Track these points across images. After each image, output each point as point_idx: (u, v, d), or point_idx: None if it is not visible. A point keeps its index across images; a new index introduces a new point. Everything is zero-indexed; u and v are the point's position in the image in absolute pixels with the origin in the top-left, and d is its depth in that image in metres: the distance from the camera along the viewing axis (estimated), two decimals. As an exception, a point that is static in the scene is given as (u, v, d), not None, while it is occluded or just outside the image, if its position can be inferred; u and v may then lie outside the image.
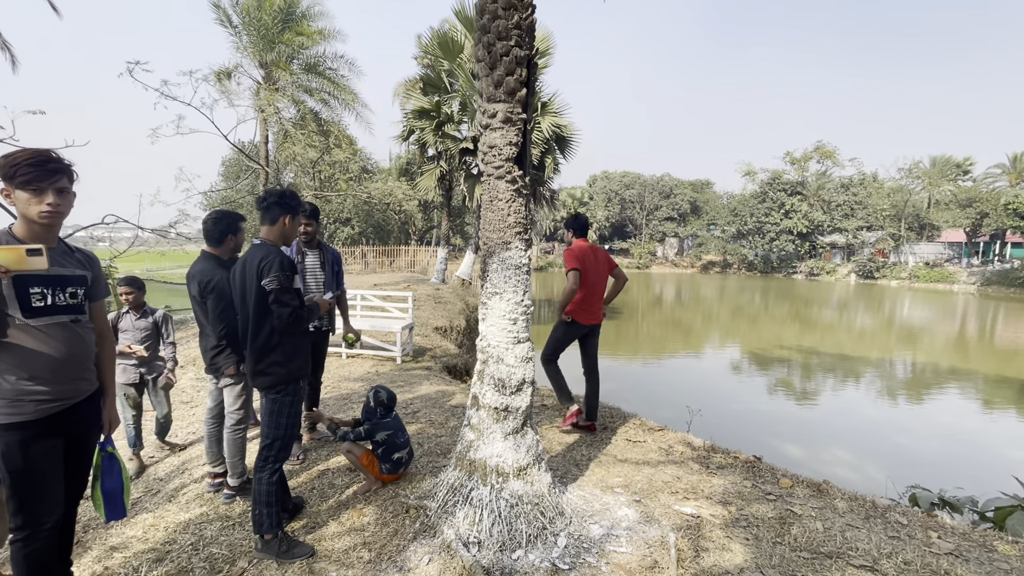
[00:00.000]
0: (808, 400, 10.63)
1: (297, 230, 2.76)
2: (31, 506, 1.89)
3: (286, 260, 2.57)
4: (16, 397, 1.80)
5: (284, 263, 2.54)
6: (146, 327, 3.91)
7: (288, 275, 2.54)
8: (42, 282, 1.82)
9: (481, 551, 2.56)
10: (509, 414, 2.77)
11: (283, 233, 2.69)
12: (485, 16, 2.54)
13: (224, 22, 13.13)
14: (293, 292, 2.58)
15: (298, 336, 2.72)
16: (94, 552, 2.77)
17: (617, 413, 5.15)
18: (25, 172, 1.79)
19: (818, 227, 46.26)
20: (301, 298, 2.67)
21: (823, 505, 3.29)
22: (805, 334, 19.12)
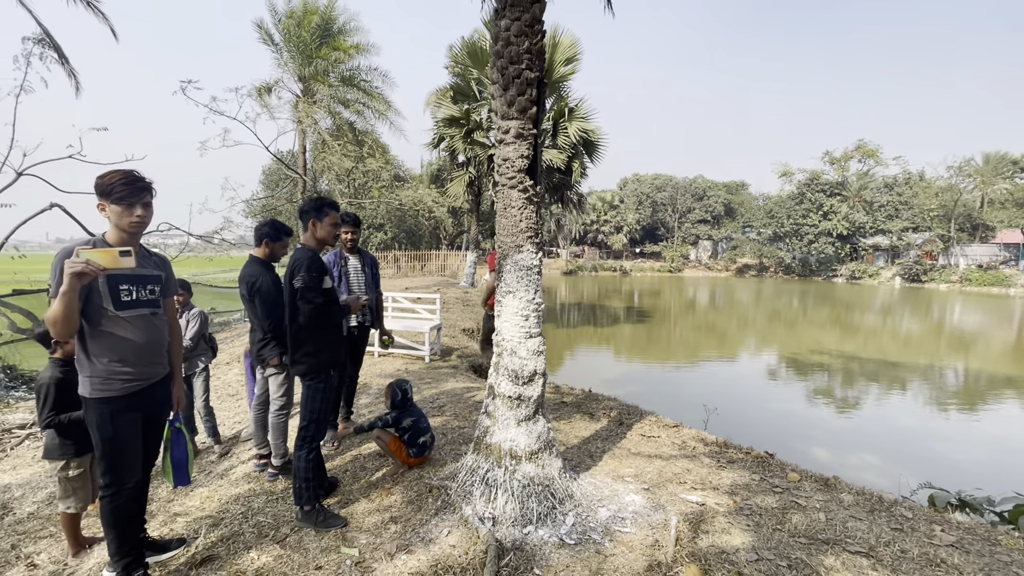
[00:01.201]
0: (846, 406, 10.40)
1: (329, 232, 3.01)
2: (117, 468, 2.27)
3: (315, 262, 2.91)
4: (107, 376, 2.18)
5: (312, 265, 2.87)
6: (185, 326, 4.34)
7: (314, 276, 2.87)
8: (129, 280, 2.20)
9: (496, 526, 2.81)
10: (522, 402, 3.03)
11: (314, 236, 3.03)
12: (499, 42, 2.83)
13: (266, 40, 13.95)
14: (319, 291, 2.89)
15: (327, 331, 3.02)
16: (160, 518, 3.17)
17: (635, 411, 5.32)
18: (119, 190, 2.18)
19: (860, 229, 44.55)
20: (329, 296, 2.97)
21: (829, 498, 3.39)
22: (846, 339, 18.54)
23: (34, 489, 3.75)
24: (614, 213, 56.92)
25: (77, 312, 2.05)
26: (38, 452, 4.53)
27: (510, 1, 2.75)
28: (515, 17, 2.75)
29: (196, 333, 4.26)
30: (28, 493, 3.69)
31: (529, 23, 2.76)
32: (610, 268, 52.98)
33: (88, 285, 2.08)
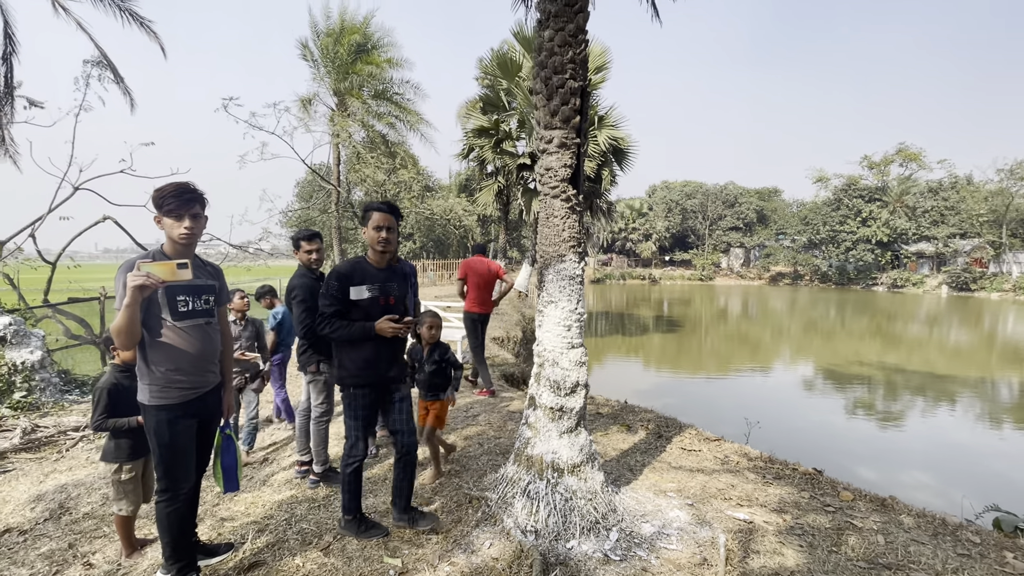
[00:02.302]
0: (890, 420, 9.93)
1: (372, 236, 2.76)
2: (173, 473, 2.33)
3: (336, 271, 2.76)
4: (165, 384, 2.25)
5: (332, 274, 2.75)
6: (241, 333, 4.46)
7: (332, 284, 2.71)
8: (185, 291, 2.27)
9: (539, 539, 2.77)
10: (564, 414, 2.99)
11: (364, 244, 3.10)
12: (543, 53, 2.83)
13: (307, 57, 14.45)
14: (333, 301, 2.71)
15: (355, 346, 2.76)
16: (208, 522, 3.24)
17: (673, 423, 5.20)
18: (169, 203, 2.25)
19: (901, 235, 42.77)
20: (365, 308, 2.77)
21: (887, 520, 3.23)
22: (888, 350, 17.76)
23: (89, 490, 3.89)
24: (643, 221, 56.29)
25: (139, 323, 2.12)
26: (92, 454, 4.71)
27: (554, 12, 2.76)
28: (559, 28, 2.75)
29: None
30: (84, 493, 3.83)
31: (573, 33, 2.76)
32: (639, 276, 52.32)
33: (149, 297, 2.16)
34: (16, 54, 7.41)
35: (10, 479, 4.20)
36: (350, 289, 2.71)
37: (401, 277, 2.91)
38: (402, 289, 2.89)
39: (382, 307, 2.76)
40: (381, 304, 2.77)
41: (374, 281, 2.75)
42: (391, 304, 2.81)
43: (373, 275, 2.78)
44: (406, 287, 2.95)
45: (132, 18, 7.73)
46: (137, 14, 7.72)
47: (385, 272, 2.82)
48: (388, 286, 2.80)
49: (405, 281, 2.95)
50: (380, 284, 2.77)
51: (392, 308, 2.81)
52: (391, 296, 2.81)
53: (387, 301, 2.79)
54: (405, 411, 2.93)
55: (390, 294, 2.80)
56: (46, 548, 3.03)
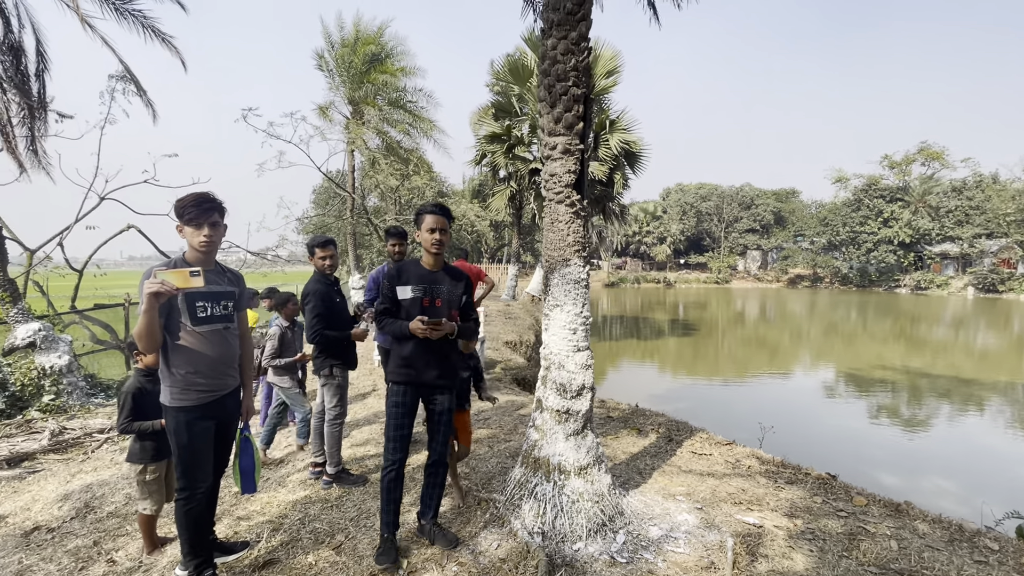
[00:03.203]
0: (912, 426, 9.71)
1: (425, 239, 2.81)
2: (191, 474, 2.42)
3: (385, 274, 2.92)
4: (184, 386, 2.34)
5: (384, 276, 2.90)
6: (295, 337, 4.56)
7: (383, 283, 2.87)
8: (205, 297, 2.37)
9: (545, 541, 2.80)
10: (570, 416, 3.01)
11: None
12: (546, 61, 2.89)
13: (322, 67, 14.76)
14: (385, 300, 2.86)
15: (400, 344, 2.79)
16: (225, 521, 3.34)
17: (684, 427, 5.18)
18: (189, 212, 2.35)
19: (924, 236, 41.79)
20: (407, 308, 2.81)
21: (901, 525, 3.18)
22: (912, 354, 17.35)
23: (113, 490, 4.03)
24: (657, 224, 55.96)
25: (158, 328, 2.22)
26: (116, 455, 4.87)
27: (557, 21, 2.81)
28: (561, 36, 2.80)
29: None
30: (108, 493, 3.97)
31: (575, 41, 2.81)
32: (653, 280, 51.95)
33: (168, 303, 2.25)
34: (48, 71, 7.72)
35: (39, 479, 4.37)
36: (397, 289, 2.77)
37: (453, 280, 2.84)
38: (452, 292, 2.81)
39: (424, 308, 2.74)
40: (425, 305, 2.74)
41: (420, 282, 2.76)
42: (436, 306, 2.76)
43: (420, 276, 2.78)
44: (459, 291, 2.84)
45: (154, 34, 7.99)
46: (159, 30, 7.98)
47: (435, 274, 2.80)
48: (435, 288, 2.77)
49: (459, 285, 2.85)
50: (426, 285, 2.76)
51: (436, 310, 2.75)
52: (437, 298, 2.76)
53: (432, 302, 2.75)
54: (443, 423, 2.86)
55: (436, 296, 2.76)
56: (72, 545, 3.16)
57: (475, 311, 2.96)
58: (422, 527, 2.95)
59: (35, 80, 7.50)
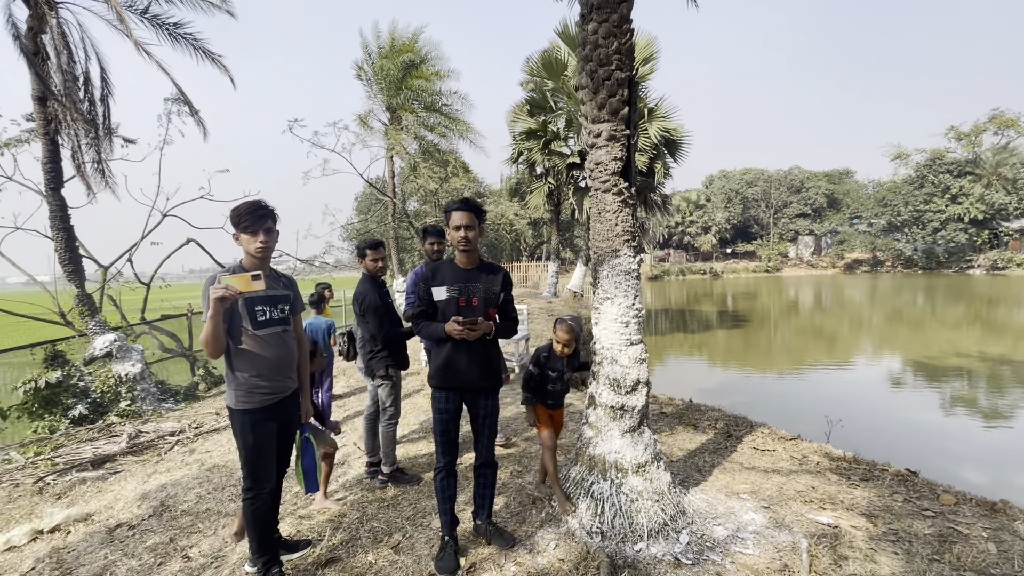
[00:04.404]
0: (997, 417, 8.93)
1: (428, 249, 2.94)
2: (257, 473, 2.49)
3: (420, 276, 2.93)
4: (248, 389, 2.41)
5: (419, 278, 2.87)
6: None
7: (418, 285, 2.86)
8: (263, 301, 2.43)
9: (605, 541, 2.72)
10: (625, 412, 2.92)
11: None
12: (587, 46, 2.80)
13: (361, 77, 15.15)
14: (419, 303, 2.83)
15: (438, 347, 2.77)
16: (288, 520, 3.44)
17: (743, 422, 4.95)
18: (245, 220, 2.42)
19: (1000, 211, 38.51)
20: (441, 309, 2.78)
21: (998, 527, 2.90)
22: (990, 339, 15.99)
23: (185, 489, 4.25)
24: (700, 213, 54.27)
25: (223, 332, 2.30)
26: (187, 456, 5.15)
27: (596, 4, 2.72)
28: (602, 19, 2.71)
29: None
30: (181, 493, 4.18)
31: (617, 23, 2.71)
32: (699, 271, 50.39)
33: (230, 308, 2.33)
34: (112, 96, 8.27)
35: (120, 479, 4.66)
36: (432, 290, 2.72)
37: (490, 278, 2.73)
38: (489, 290, 2.70)
39: (461, 308, 2.67)
40: (461, 305, 2.67)
41: (455, 282, 2.70)
42: (473, 305, 2.67)
43: (455, 275, 2.72)
44: (496, 288, 2.72)
45: (205, 55, 8.40)
46: (209, 51, 8.39)
47: (470, 273, 2.72)
48: (471, 287, 2.68)
49: (495, 282, 2.73)
50: (461, 285, 2.69)
51: (473, 309, 2.67)
52: (474, 297, 2.68)
53: (469, 302, 2.68)
54: (487, 426, 2.79)
55: (473, 295, 2.68)
56: (151, 542, 3.33)
57: (515, 308, 2.83)
58: (477, 527, 2.93)
59: (100, 105, 8.04)
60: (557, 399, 3.32)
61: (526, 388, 3.25)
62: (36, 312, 8.50)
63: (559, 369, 3.21)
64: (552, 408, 3.33)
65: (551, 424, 3.29)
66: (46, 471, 4.79)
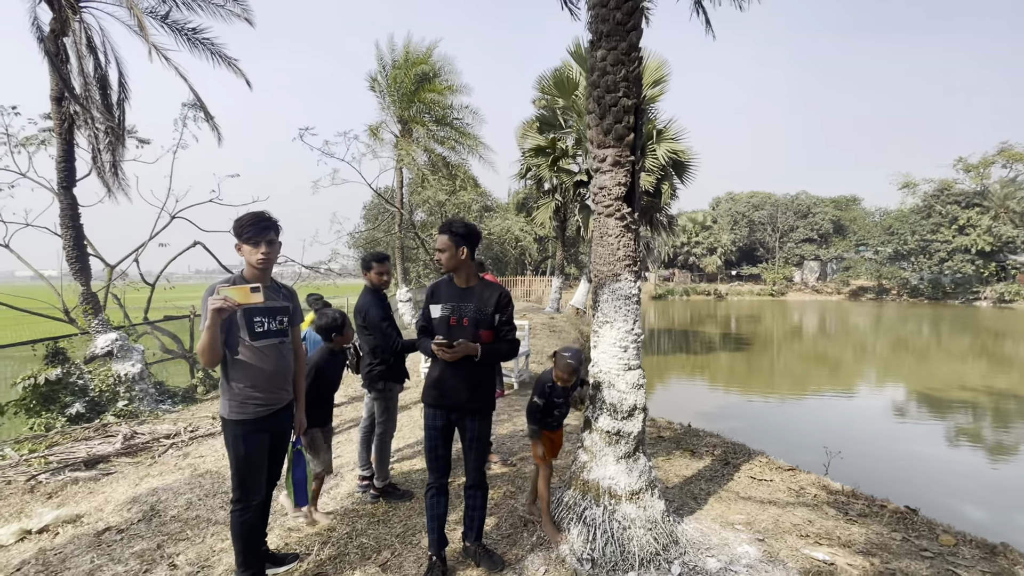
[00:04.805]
0: (1001, 453, 8.80)
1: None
2: (246, 485, 2.47)
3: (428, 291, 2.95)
4: (243, 400, 2.41)
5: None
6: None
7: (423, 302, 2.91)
8: (262, 312, 2.44)
9: (595, 569, 2.68)
10: (621, 438, 2.89)
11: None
12: (595, 73, 2.83)
13: (375, 88, 15.38)
14: (424, 318, 2.87)
15: (432, 365, 2.80)
16: (276, 532, 3.40)
17: (741, 450, 4.90)
18: (247, 231, 2.44)
19: (1008, 244, 38.32)
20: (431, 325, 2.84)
21: (998, 571, 2.84)
22: (996, 373, 15.81)
23: (176, 494, 4.22)
24: (706, 234, 54.26)
25: (220, 343, 2.31)
26: (180, 460, 5.13)
27: (606, 32, 2.77)
28: (611, 47, 2.75)
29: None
30: (171, 497, 4.16)
31: (626, 51, 2.74)
32: (703, 292, 50.24)
33: (229, 318, 2.33)
34: (128, 100, 8.41)
35: (112, 481, 4.64)
36: (430, 307, 2.77)
37: (484, 298, 2.68)
38: (481, 311, 2.66)
39: (451, 327, 2.67)
40: (451, 324, 2.67)
41: (449, 300, 2.72)
42: (464, 325, 2.65)
43: (450, 295, 2.74)
44: (488, 309, 2.66)
45: (221, 59, 8.54)
46: (225, 55, 8.53)
47: (464, 292, 2.72)
48: (463, 307, 2.68)
49: (489, 303, 2.68)
50: (454, 304, 2.70)
51: (463, 329, 2.65)
52: (464, 317, 2.66)
53: (460, 322, 2.66)
54: (475, 448, 2.74)
55: (464, 315, 2.66)
56: (138, 547, 3.31)
57: (512, 330, 2.74)
58: (466, 548, 2.89)
59: (117, 108, 8.17)
60: (559, 421, 3.30)
61: (531, 420, 3.16)
62: (41, 308, 8.56)
63: (563, 396, 3.18)
64: (553, 430, 3.30)
65: (551, 447, 3.25)
66: (39, 469, 4.78)
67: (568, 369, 3.00)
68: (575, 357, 2.99)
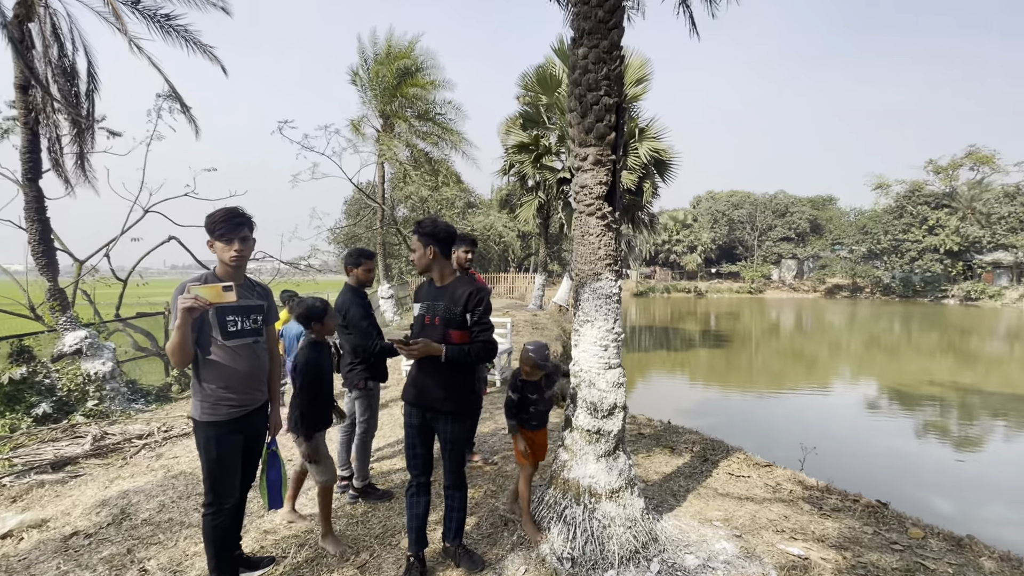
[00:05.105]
0: (967, 447, 9.11)
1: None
2: (219, 488, 2.41)
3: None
4: (215, 401, 2.34)
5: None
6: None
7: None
8: (235, 311, 2.37)
9: (575, 567, 2.68)
10: (601, 437, 2.90)
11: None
12: (577, 71, 2.82)
13: (356, 82, 15.15)
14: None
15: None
16: (252, 534, 3.34)
17: (720, 446, 4.97)
18: (220, 228, 2.36)
19: (974, 244, 39.68)
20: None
21: (964, 563, 2.93)
22: (963, 369, 16.38)
23: (148, 497, 4.11)
24: (687, 232, 54.94)
25: (191, 343, 2.23)
26: (152, 461, 4.99)
27: (588, 29, 2.75)
28: (593, 45, 2.74)
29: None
30: (143, 500, 4.04)
31: (607, 49, 2.74)
32: (683, 289, 50.91)
33: (200, 317, 2.26)
34: (97, 91, 8.12)
35: (80, 483, 4.49)
36: (414, 306, 2.81)
37: (454, 297, 2.62)
38: (450, 310, 2.60)
39: (425, 326, 2.67)
40: (425, 323, 2.68)
41: (425, 299, 2.74)
42: (435, 324, 2.64)
43: (427, 293, 2.75)
44: (457, 308, 2.60)
45: (196, 46, 8.29)
46: (200, 42, 8.27)
47: (438, 290, 2.70)
48: (435, 305, 2.67)
49: (459, 302, 2.61)
50: (429, 303, 2.70)
51: (432, 328, 2.64)
52: (436, 316, 2.64)
53: (433, 321, 2.65)
54: (449, 449, 2.71)
55: (436, 314, 2.65)
56: (107, 552, 3.21)
57: (486, 330, 2.65)
58: (446, 548, 2.87)
59: (85, 99, 7.89)
60: (540, 419, 3.22)
61: (508, 415, 3.15)
62: (5, 304, 8.24)
63: (537, 392, 3.14)
64: (534, 429, 3.23)
65: (534, 450, 3.19)
66: (2, 472, 4.60)
67: (529, 361, 2.99)
68: (537, 350, 2.98)
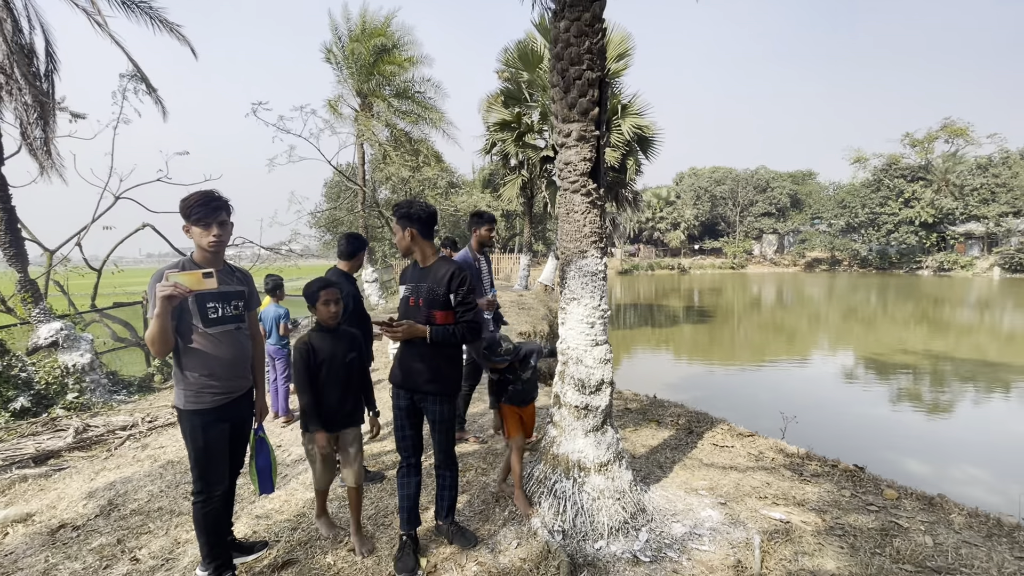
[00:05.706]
0: (938, 412, 9.48)
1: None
2: (207, 476, 2.39)
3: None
4: (199, 389, 2.31)
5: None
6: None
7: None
8: (215, 298, 2.32)
9: (566, 540, 2.75)
10: (589, 412, 2.94)
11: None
12: (558, 44, 2.77)
13: (330, 60, 14.67)
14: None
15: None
16: (244, 520, 3.34)
17: (704, 418, 5.08)
18: (197, 212, 2.29)
19: (948, 215, 40.65)
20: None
21: (935, 520, 3.07)
22: (935, 337, 16.93)
23: (136, 487, 4.07)
24: (670, 209, 55.27)
25: (171, 331, 2.18)
26: (139, 452, 4.93)
27: (569, 2, 2.69)
28: (574, 17, 2.68)
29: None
30: (131, 490, 4.01)
31: (589, 22, 2.68)
32: (667, 266, 51.43)
33: (179, 305, 2.21)
34: (57, 71, 7.74)
35: (65, 476, 4.43)
36: (400, 287, 2.77)
37: (437, 278, 2.60)
38: (433, 291, 2.58)
39: (409, 308, 2.66)
40: (410, 305, 2.66)
41: (411, 281, 2.72)
42: (419, 305, 2.62)
43: (412, 275, 2.73)
44: (440, 289, 2.57)
45: (162, 24, 7.93)
46: (167, 20, 7.90)
47: (422, 272, 2.67)
48: (419, 287, 2.65)
49: (441, 283, 2.58)
50: (414, 284, 2.69)
51: (417, 310, 2.62)
52: (420, 297, 2.63)
53: (417, 302, 2.63)
54: (437, 430, 2.72)
55: (419, 295, 2.63)
56: (97, 543, 3.18)
57: (469, 311, 2.62)
58: (439, 527, 2.91)
59: (44, 80, 7.53)
60: (525, 396, 3.24)
61: (490, 392, 3.23)
62: (-28, 298, 7.96)
63: (513, 372, 3.17)
64: (521, 406, 3.24)
65: (520, 424, 3.23)
66: (-18, 469, 4.51)
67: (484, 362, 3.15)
68: (491, 346, 3.08)
